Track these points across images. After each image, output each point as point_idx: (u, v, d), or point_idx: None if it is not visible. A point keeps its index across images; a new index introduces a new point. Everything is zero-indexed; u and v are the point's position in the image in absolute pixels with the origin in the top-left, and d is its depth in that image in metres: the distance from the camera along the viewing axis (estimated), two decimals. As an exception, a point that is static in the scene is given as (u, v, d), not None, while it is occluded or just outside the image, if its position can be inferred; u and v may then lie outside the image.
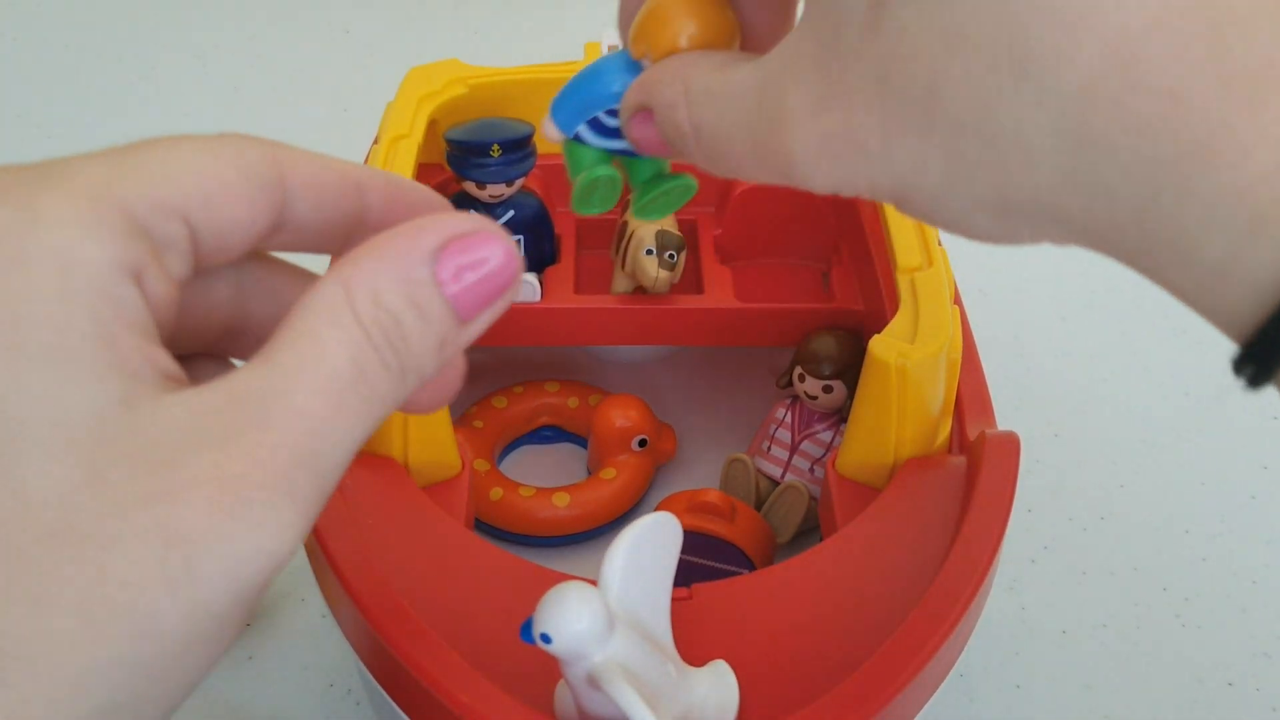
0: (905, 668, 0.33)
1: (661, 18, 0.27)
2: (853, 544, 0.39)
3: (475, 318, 0.23)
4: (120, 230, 0.21)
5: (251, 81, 0.80)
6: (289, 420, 0.20)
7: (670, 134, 0.26)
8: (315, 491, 0.20)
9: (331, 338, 0.21)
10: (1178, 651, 0.46)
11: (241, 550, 0.19)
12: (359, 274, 0.22)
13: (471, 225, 0.23)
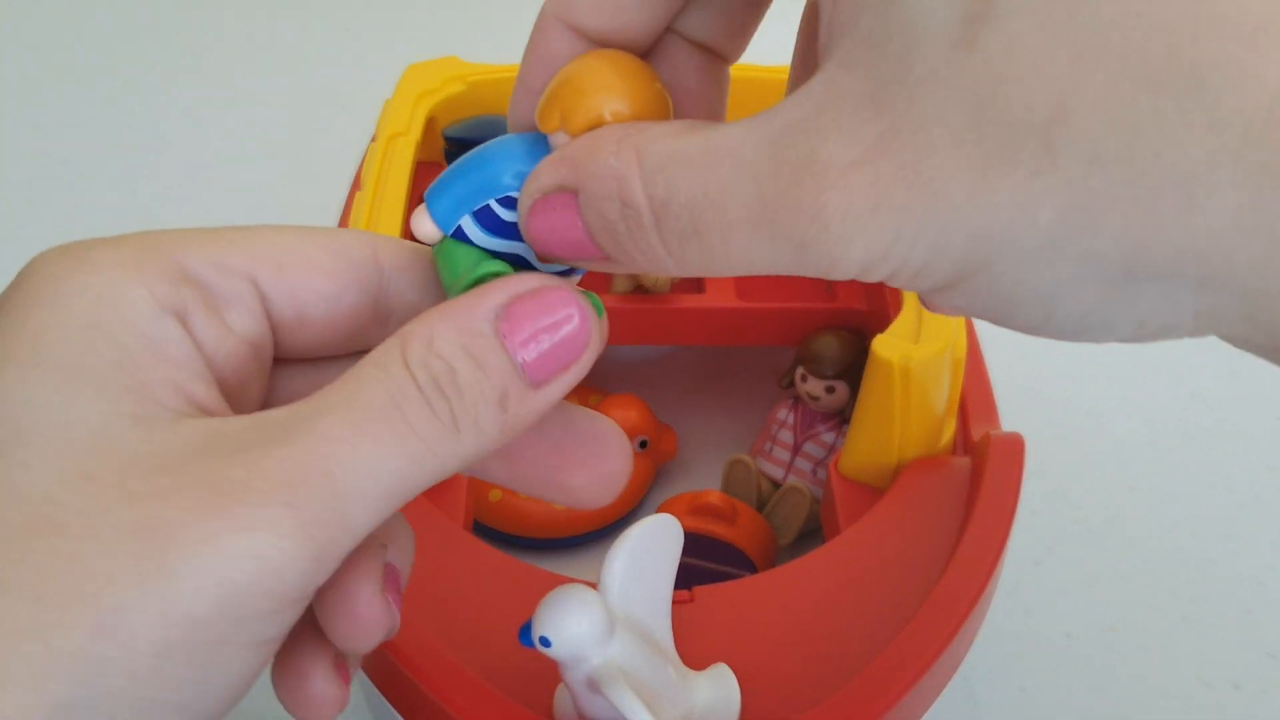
0: (909, 671, 0.33)
1: (580, 85, 0.22)
2: (855, 546, 0.38)
3: (546, 381, 0.21)
4: (164, 276, 0.21)
5: (249, 79, 0.80)
6: (304, 439, 0.19)
7: (608, 218, 0.20)
8: (325, 512, 0.19)
9: (372, 377, 0.20)
10: (1184, 654, 0.46)
11: (226, 551, 0.18)
12: (418, 326, 0.21)
13: (538, 281, 0.22)
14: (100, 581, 0.18)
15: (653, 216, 0.20)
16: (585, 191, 0.20)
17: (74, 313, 0.20)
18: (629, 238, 0.20)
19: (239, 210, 0.67)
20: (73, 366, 0.20)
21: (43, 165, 0.71)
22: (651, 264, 0.21)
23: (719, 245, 0.19)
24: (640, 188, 0.20)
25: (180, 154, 0.72)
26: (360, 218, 0.44)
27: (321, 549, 0.19)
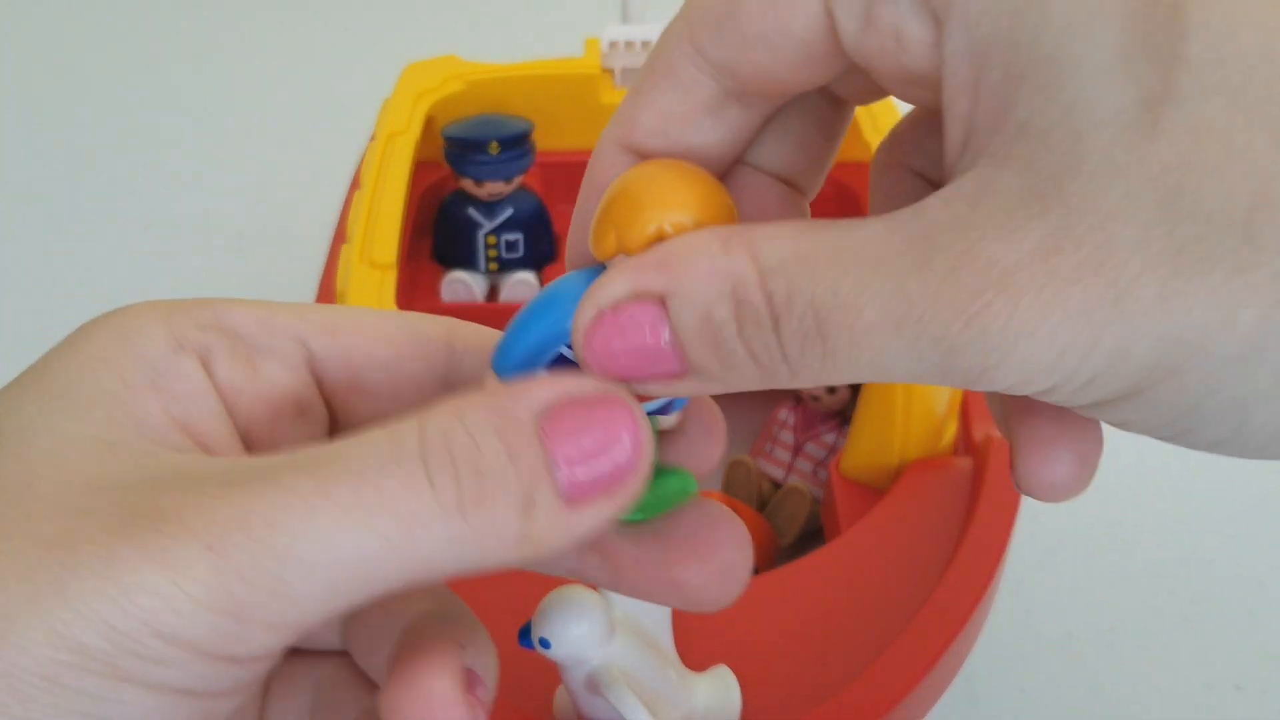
0: (910, 672, 0.33)
1: (636, 197, 0.19)
2: (856, 547, 0.38)
3: (582, 502, 0.18)
4: (194, 322, 0.21)
5: (248, 78, 0.80)
6: (261, 486, 0.17)
7: (715, 320, 0.18)
8: (254, 568, 0.17)
9: (372, 438, 0.18)
10: (1185, 655, 0.45)
11: (124, 580, 0.16)
12: (450, 400, 0.19)
13: (596, 387, 0.19)
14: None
15: (771, 320, 0.18)
16: (681, 296, 0.18)
17: (88, 347, 0.20)
18: (741, 343, 0.18)
19: (238, 210, 0.67)
20: (62, 390, 0.19)
21: (42, 165, 0.71)
22: (760, 373, 0.18)
23: (847, 350, 0.17)
24: (758, 285, 0.18)
25: (179, 153, 0.72)
26: (359, 216, 0.44)
27: (242, 609, 0.17)
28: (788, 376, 0.18)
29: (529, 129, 0.50)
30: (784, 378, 0.18)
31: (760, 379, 0.18)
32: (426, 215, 0.53)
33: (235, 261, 0.63)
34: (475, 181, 0.50)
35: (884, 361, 0.17)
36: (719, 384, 0.19)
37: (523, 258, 0.52)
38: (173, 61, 0.82)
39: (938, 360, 0.17)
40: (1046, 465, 0.21)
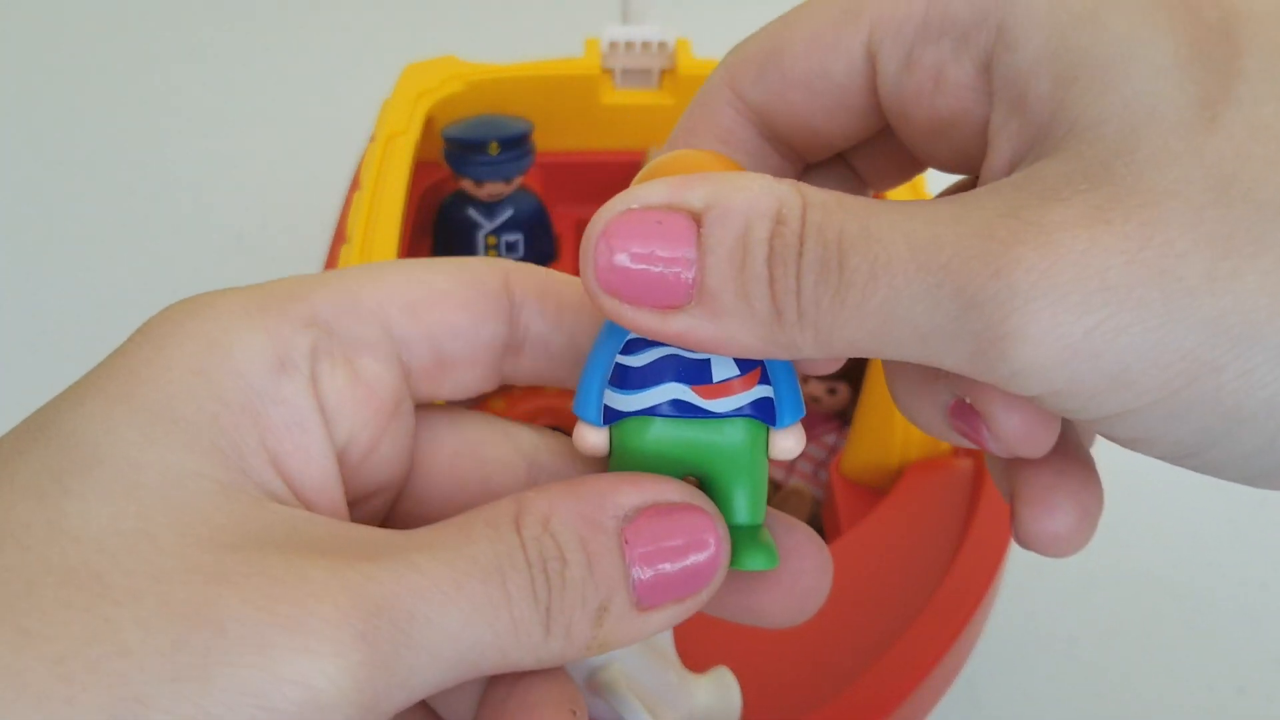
0: (910, 675, 0.33)
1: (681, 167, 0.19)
2: (857, 548, 0.38)
3: (654, 608, 0.19)
4: (289, 321, 0.19)
5: (248, 78, 0.80)
6: (398, 566, 0.17)
7: (751, 239, 0.18)
8: (395, 657, 0.16)
9: (482, 534, 0.18)
10: (1188, 659, 0.45)
11: (277, 671, 0.15)
12: (539, 495, 0.19)
13: (680, 495, 0.19)
14: (130, 663, 0.15)
15: (799, 240, 0.17)
16: (723, 209, 0.18)
17: (180, 355, 0.18)
18: (766, 268, 0.17)
19: (237, 210, 0.67)
20: (162, 410, 0.18)
21: (41, 165, 0.71)
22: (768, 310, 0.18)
23: (861, 286, 0.17)
24: (799, 210, 0.17)
25: (178, 153, 0.72)
26: (359, 218, 0.43)
27: (376, 699, 0.16)
28: (794, 317, 0.18)
29: (529, 130, 0.50)
30: (789, 321, 0.18)
31: (763, 323, 0.18)
32: (426, 216, 0.53)
33: (235, 262, 0.63)
34: (475, 182, 0.50)
35: (894, 309, 0.17)
36: (714, 324, 0.18)
37: (523, 258, 0.52)
38: (171, 61, 0.82)
39: (953, 314, 0.16)
40: (1048, 516, 0.21)
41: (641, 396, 0.20)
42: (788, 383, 0.20)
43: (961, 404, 0.20)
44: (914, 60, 0.20)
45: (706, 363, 0.19)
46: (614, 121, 0.53)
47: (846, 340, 0.18)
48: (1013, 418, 0.20)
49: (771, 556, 0.20)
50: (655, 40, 0.52)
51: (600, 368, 0.20)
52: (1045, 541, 0.21)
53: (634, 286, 0.18)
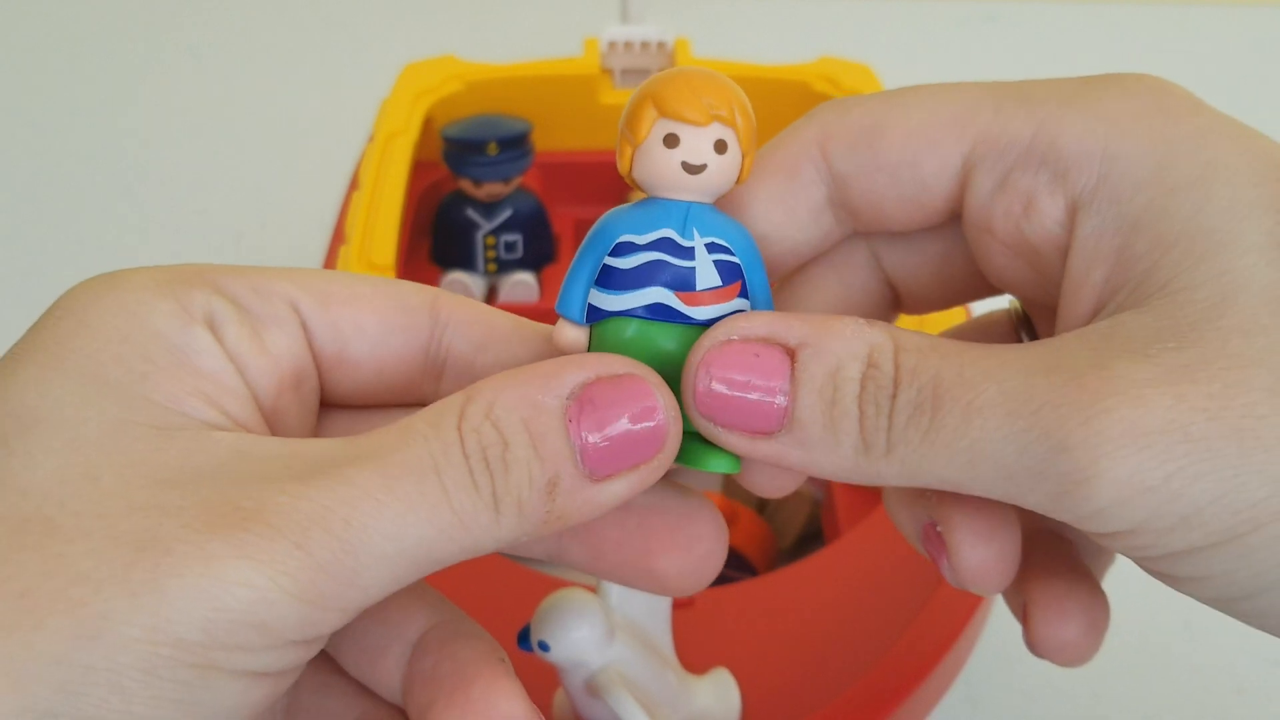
0: (910, 676, 0.33)
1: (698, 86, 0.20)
2: (857, 549, 0.38)
3: (607, 478, 0.20)
4: (198, 292, 0.21)
5: (246, 78, 0.80)
6: (329, 483, 0.18)
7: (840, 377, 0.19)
8: (334, 562, 0.18)
9: (421, 433, 0.19)
10: (1186, 659, 0.45)
11: (223, 575, 0.17)
12: (486, 387, 0.20)
13: (625, 367, 0.20)
14: (88, 587, 0.17)
15: (892, 386, 0.19)
16: (818, 347, 0.19)
17: (102, 325, 0.20)
18: (857, 404, 0.19)
19: (236, 210, 0.66)
20: (94, 374, 0.19)
21: (39, 165, 0.70)
22: (856, 443, 0.19)
23: (953, 427, 0.18)
24: (892, 354, 0.19)
25: (176, 153, 0.72)
26: (357, 218, 0.43)
27: (322, 597, 0.18)
28: (881, 452, 0.19)
29: (528, 130, 0.50)
30: (875, 454, 0.19)
31: (849, 454, 0.19)
32: (425, 216, 0.53)
33: (233, 262, 0.63)
34: (474, 182, 0.50)
35: (984, 448, 0.18)
36: (802, 452, 0.20)
37: (522, 258, 0.52)
38: (169, 61, 0.82)
39: (1041, 456, 0.18)
40: (1061, 624, 0.23)
41: (626, 297, 0.21)
42: (765, 299, 0.21)
43: (932, 529, 0.22)
44: (1009, 182, 0.21)
45: (691, 271, 0.21)
46: (613, 121, 0.53)
47: (931, 474, 0.19)
48: (973, 555, 0.22)
49: (735, 461, 0.21)
50: (654, 40, 0.52)
51: (587, 267, 0.21)
52: (1056, 647, 0.23)
53: (729, 412, 0.20)
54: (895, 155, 0.22)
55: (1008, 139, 0.21)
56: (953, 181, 0.22)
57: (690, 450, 0.21)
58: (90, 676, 0.17)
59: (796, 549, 0.47)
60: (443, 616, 0.23)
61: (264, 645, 0.18)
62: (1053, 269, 0.22)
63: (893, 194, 0.22)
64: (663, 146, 0.20)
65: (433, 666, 0.21)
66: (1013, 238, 0.22)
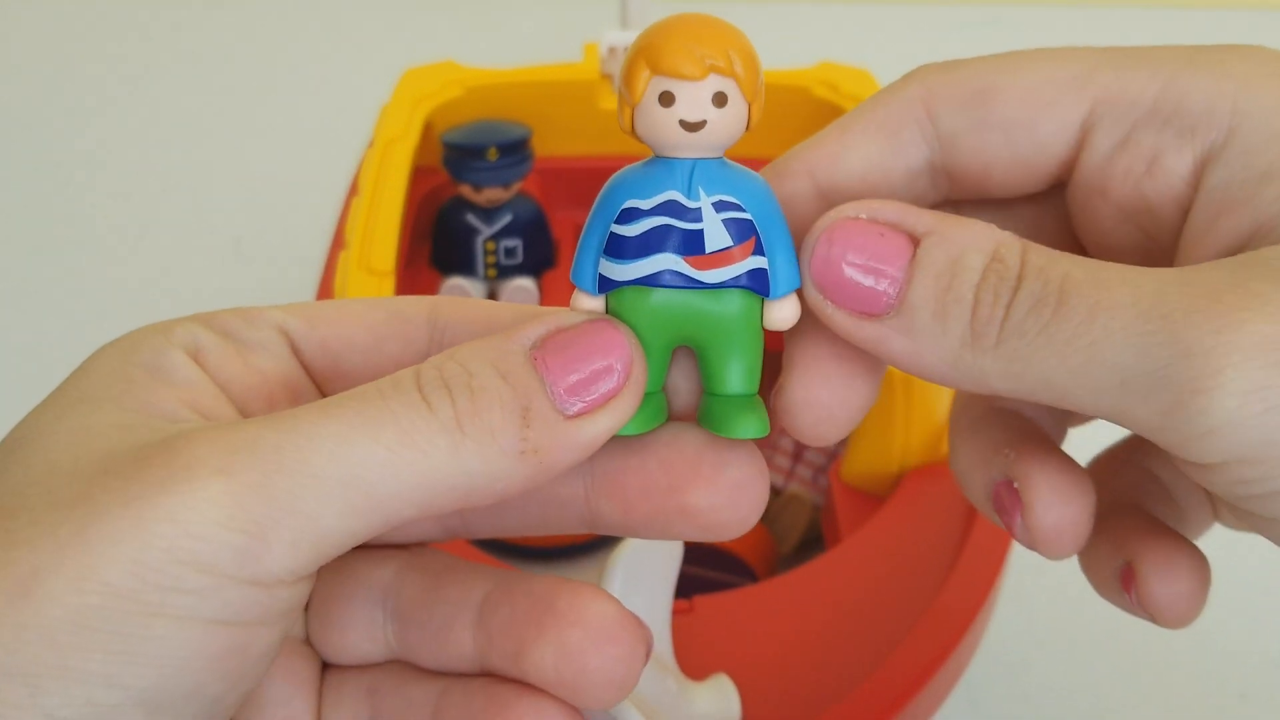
0: (911, 681, 0.33)
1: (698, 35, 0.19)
2: (857, 554, 0.38)
3: (580, 414, 0.19)
4: (185, 326, 0.21)
5: (245, 83, 0.80)
6: (269, 420, 0.18)
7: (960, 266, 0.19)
8: (266, 485, 0.17)
9: (375, 381, 0.19)
10: (1189, 663, 0.45)
11: (142, 514, 0.17)
12: (447, 350, 0.20)
13: (584, 317, 0.20)
14: (21, 550, 0.17)
15: (1017, 277, 0.19)
16: (943, 235, 0.19)
17: (95, 366, 0.20)
18: (972, 292, 0.19)
19: (236, 216, 0.66)
20: (77, 397, 0.20)
21: (39, 170, 0.71)
22: (965, 333, 0.19)
23: (1077, 322, 0.18)
24: (1019, 251, 0.19)
25: (176, 159, 0.72)
26: (357, 223, 0.43)
27: (260, 527, 0.17)
28: (990, 344, 0.19)
29: (527, 135, 0.50)
30: (982, 346, 0.19)
31: (954, 345, 0.19)
32: (425, 221, 0.53)
33: (233, 268, 0.63)
34: (473, 187, 0.50)
35: (1104, 349, 0.18)
36: (906, 339, 0.19)
37: (522, 264, 0.52)
38: (170, 67, 0.82)
39: (1163, 361, 0.17)
40: (1173, 581, 0.23)
41: (635, 266, 0.20)
42: (784, 253, 0.20)
43: (1007, 487, 0.22)
44: (1132, 141, 0.21)
45: (700, 233, 0.20)
46: (613, 127, 0.53)
47: (1040, 374, 0.19)
48: (1050, 515, 0.21)
49: (763, 423, 0.20)
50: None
51: (595, 236, 0.20)
52: (1166, 604, 0.23)
53: (843, 287, 0.20)
54: (1010, 114, 0.22)
55: (1130, 98, 0.21)
56: (1069, 143, 0.22)
57: (718, 417, 0.21)
58: (22, 633, 0.17)
59: (797, 554, 0.47)
60: (501, 577, 0.22)
61: (203, 584, 0.17)
62: (1168, 229, 0.21)
63: (1005, 155, 0.22)
64: (659, 105, 0.19)
65: (509, 612, 0.21)
66: (1129, 199, 0.21)
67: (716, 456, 0.21)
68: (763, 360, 0.21)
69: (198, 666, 0.18)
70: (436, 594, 0.22)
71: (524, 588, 0.21)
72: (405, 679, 0.22)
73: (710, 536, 0.21)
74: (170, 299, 0.61)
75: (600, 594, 0.21)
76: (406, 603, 0.22)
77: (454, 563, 0.23)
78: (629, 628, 0.21)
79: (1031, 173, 0.22)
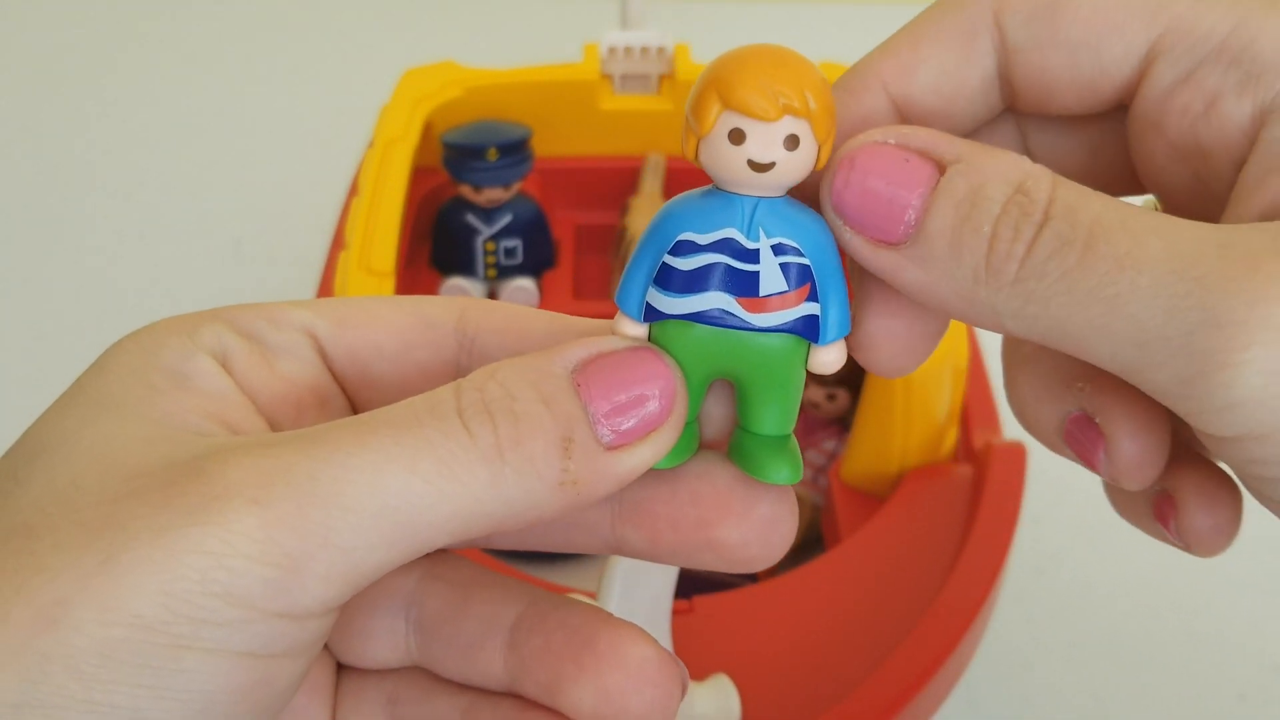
0: (911, 681, 0.33)
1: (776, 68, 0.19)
2: (857, 555, 0.38)
3: (619, 447, 0.19)
4: (210, 328, 0.21)
5: (245, 84, 0.80)
6: (299, 443, 0.17)
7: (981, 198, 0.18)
8: (299, 517, 0.17)
9: (410, 400, 0.18)
10: (1187, 664, 0.45)
11: (173, 545, 0.16)
12: (483, 368, 0.19)
13: (627, 343, 0.20)
14: (47, 575, 0.16)
15: (1041, 215, 0.18)
16: (968, 164, 0.18)
17: (115, 363, 0.20)
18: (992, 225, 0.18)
19: (236, 216, 0.66)
20: (98, 401, 0.19)
21: (39, 171, 0.70)
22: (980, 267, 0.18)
23: (1104, 271, 0.17)
24: (1049, 186, 0.18)
25: (176, 160, 0.72)
26: (357, 224, 0.43)
27: (293, 560, 0.17)
28: (1006, 281, 0.18)
29: (527, 135, 0.50)
30: (998, 283, 0.18)
31: (967, 278, 0.18)
32: (425, 222, 0.53)
33: (233, 268, 0.63)
34: (473, 188, 0.50)
35: (1128, 303, 0.17)
36: (919, 270, 0.19)
37: (521, 264, 0.52)
38: (170, 67, 0.82)
39: (1189, 327, 0.16)
40: (1214, 510, 0.22)
41: (684, 301, 0.19)
42: (838, 300, 0.20)
43: (1085, 419, 0.21)
44: (1195, 78, 0.20)
45: (755, 275, 0.19)
46: (613, 127, 0.53)
47: (1054, 320, 0.18)
48: (1133, 447, 0.20)
49: (796, 469, 0.20)
50: (654, 45, 0.52)
51: (646, 263, 0.20)
52: (1206, 533, 0.22)
53: (862, 212, 0.19)
54: (1077, 33, 0.20)
55: (1201, 32, 0.20)
56: (1133, 69, 0.20)
57: (751, 456, 0.20)
58: (46, 664, 0.16)
59: (797, 554, 0.47)
60: (533, 597, 0.22)
61: (234, 617, 0.17)
62: (1220, 176, 0.20)
63: (1067, 75, 0.21)
64: (728, 142, 0.19)
65: (544, 642, 0.21)
66: (1184, 138, 0.20)
67: (748, 492, 0.21)
68: None
69: (225, 699, 0.17)
70: (464, 609, 0.22)
71: (558, 616, 0.21)
72: (427, 690, 0.22)
73: (737, 569, 0.21)
74: (170, 299, 0.61)
75: (641, 636, 0.20)
76: (431, 615, 0.22)
77: (478, 574, 0.22)
78: (668, 670, 0.20)
79: (1094, 94, 0.21)
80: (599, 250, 0.54)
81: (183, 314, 0.21)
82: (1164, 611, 0.47)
